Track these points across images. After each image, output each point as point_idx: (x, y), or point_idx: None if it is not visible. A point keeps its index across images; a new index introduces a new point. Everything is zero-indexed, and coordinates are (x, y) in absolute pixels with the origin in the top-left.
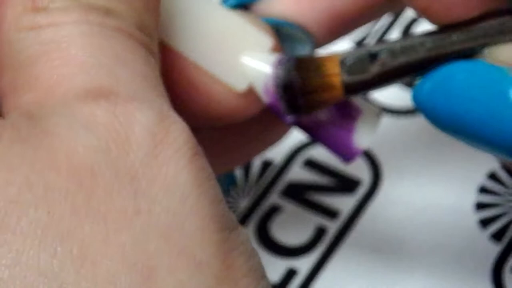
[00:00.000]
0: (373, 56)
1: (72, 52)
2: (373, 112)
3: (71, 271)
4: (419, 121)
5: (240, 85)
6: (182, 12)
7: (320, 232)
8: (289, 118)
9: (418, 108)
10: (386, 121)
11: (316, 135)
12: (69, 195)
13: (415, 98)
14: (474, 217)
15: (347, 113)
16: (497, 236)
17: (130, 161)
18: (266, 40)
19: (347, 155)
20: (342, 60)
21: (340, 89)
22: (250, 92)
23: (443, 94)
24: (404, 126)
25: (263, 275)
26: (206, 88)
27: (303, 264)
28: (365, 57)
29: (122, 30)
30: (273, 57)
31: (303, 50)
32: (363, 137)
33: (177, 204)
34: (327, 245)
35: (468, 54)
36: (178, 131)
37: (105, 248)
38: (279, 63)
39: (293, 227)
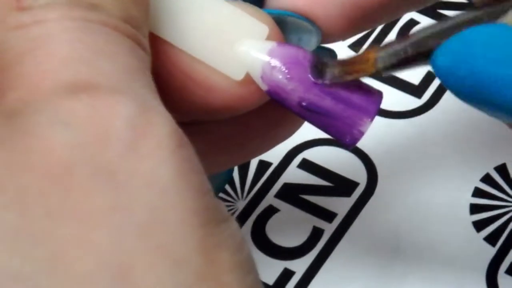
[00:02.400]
0: (409, 45)
1: (55, 48)
2: None
3: (44, 275)
4: (415, 124)
5: (238, 74)
6: (174, 3)
7: (316, 234)
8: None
9: (437, 75)
10: (382, 123)
11: (323, 116)
12: (43, 196)
13: (434, 64)
14: (469, 219)
15: (362, 97)
16: (492, 238)
17: (108, 156)
18: (262, 28)
19: (350, 138)
20: (378, 52)
21: (372, 62)
22: (250, 81)
23: (463, 58)
24: (400, 129)
25: (250, 270)
26: (203, 79)
27: (300, 266)
28: (400, 50)
29: (106, 24)
30: (270, 45)
31: (310, 42)
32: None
33: (157, 198)
34: (323, 246)
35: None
36: (160, 123)
37: (80, 248)
38: (275, 50)
39: (289, 228)
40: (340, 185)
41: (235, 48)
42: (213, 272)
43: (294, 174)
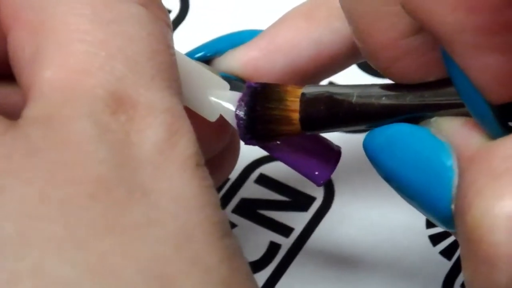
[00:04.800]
0: (331, 98)
1: (105, 38)
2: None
3: (91, 280)
4: None
5: (212, 116)
6: None
7: (273, 249)
8: (250, 142)
9: (367, 157)
10: (339, 138)
11: (285, 161)
12: (84, 208)
13: (364, 147)
14: (425, 233)
15: (320, 146)
16: (448, 252)
17: (140, 177)
18: (226, 84)
19: (316, 181)
20: (303, 96)
21: (298, 125)
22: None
23: (387, 152)
24: (357, 144)
25: (256, 282)
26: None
27: (257, 280)
28: (324, 98)
29: (147, 8)
30: (237, 94)
31: None
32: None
33: (185, 214)
34: (280, 261)
35: (420, 116)
36: (183, 146)
37: (123, 259)
38: (243, 95)
39: (246, 243)
40: (297, 200)
41: (208, 96)
42: (236, 280)
43: (251, 189)
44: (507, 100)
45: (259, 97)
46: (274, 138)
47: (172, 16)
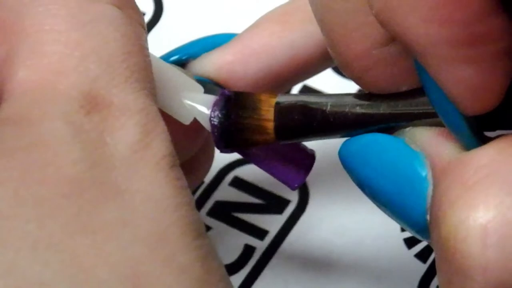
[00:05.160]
0: (305, 108)
1: (79, 39)
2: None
3: (64, 281)
4: None
5: (186, 119)
6: None
7: (248, 251)
8: (224, 151)
9: (343, 166)
10: (314, 142)
11: (260, 165)
12: (58, 209)
13: (340, 156)
14: (400, 236)
15: (295, 152)
16: (423, 255)
17: (113, 177)
18: (200, 87)
19: (290, 185)
20: (277, 106)
21: (272, 134)
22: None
23: (362, 162)
24: (331, 146)
25: (231, 283)
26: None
27: (232, 283)
28: (298, 108)
29: (121, 10)
30: (211, 97)
31: None
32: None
33: (159, 214)
34: (254, 264)
35: (394, 126)
36: (157, 147)
37: (96, 258)
38: (217, 102)
39: (221, 246)
40: (271, 202)
41: (182, 99)
42: (210, 280)
43: (225, 192)
44: (481, 112)
45: (233, 105)
46: (249, 147)
47: (147, 18)
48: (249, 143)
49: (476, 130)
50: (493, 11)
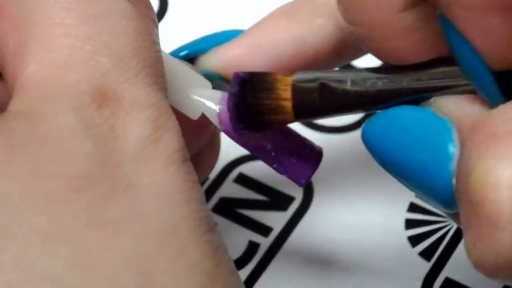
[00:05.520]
0: (324, 86)
1: (91, 33)
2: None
3: (75, 274)
4: (351, 139)
5: (194, 114)
6: None
7: (252, 248)
8: (242, 135)
9: (365, 146)
10: (318, 138)
11: (267, 161)
12: (68, 202)
13: (363, 136)
14: (404, 234)
15: (303, 147)
16: (427, 253)
17: (124, 171)
18: (208, 83)
19: (297, 181)
20: (294, 84)
21: (291, 113)
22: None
23: (387, 137)
24: (336, 144)
25: (240, 277)
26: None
27: None
28: (316, 85)
29: (135, 5)
30: (219, 93)
31: None
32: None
33: (169, 209)
34: (259, 260)
35: (418, 99)
36: (168, 141)
37: (106, 252)
38: (225, 98)
39: (225, 242)
40: (276, 199)
41: (190, 95)
42: (221, 273)
43: (230, 189)
44: (510, 66)
45: (248, 87)
46: (268, 127)
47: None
48: (268, 124)
49: (504, 89)
50: None
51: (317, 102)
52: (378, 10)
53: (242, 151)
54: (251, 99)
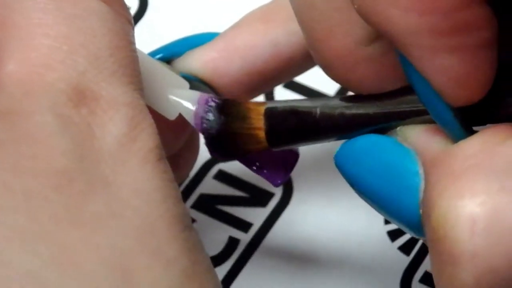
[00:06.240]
0: (295, 114)
1: (68, 33)
2: None
3: (54, 271)
4: None
5: (171, 115)
6: None
7: (232, 244)
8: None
9: (338, 170)
10: None
11: (243, 163)
12: (47, 200)
13: (335, 161)
14: (383, 229)
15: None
16: (406, 248)
17: (101, 169)
18: (185, 83)
19: (273, 182)
20: (266, 114)
21: (265, 142)
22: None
23: (357, 165)
24: None
25: (216, 275)
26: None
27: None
28: (288, 114)
29: (110, 6)
30: (196, 93)
31: None
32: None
33: (146, 206)
34: (238, 256)
35: (386, 127)
36: (144, 140)
37: (85, 249)
38: (202, 99)
39: (205, 238)
40: (255, 195)
41: (168, 95)
42: (197, 271)
43: (210, 185)
44: (467, 103)
45: (223, 113)
46: (243, 155)
47: (131, 13)
48: (244, 152)
49: (464, 124)
50: (475, 0)
51: (288, 131)
52: (340, 42)
53: None
54: (225, 129)
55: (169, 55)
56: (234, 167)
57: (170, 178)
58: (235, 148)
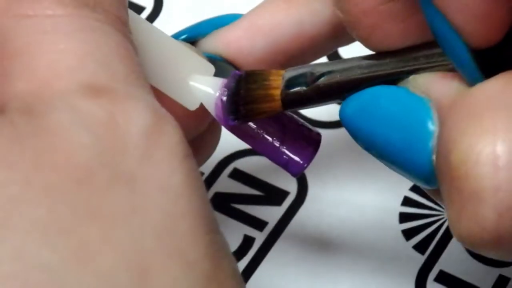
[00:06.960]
0: (313, 74)
1: (69, 44)
2: None
3: (72, 266)
4: (345, 133)
5: (192, 105)
6: (140, 43)
7: (247, 242)
8: (234, 124)
9: (344, 125)
10: None
11: (262, 150)
12: (68, 194)
13: (341, 115)
14: (398, 228)
15: (302, 136)
16: (421, 247)
17: (126, 162)
18: (211, 67)
19: (293, 170)
20: (285, 74)
21: (278, 101)
22: (203, 110)
23: (365, 116)
24: (330, 138)
25: (242, 281)
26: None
27: None
28: (306, 74)
29: (109, 23)
30: (220, 80)
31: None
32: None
33: (171, 204)
34: (254, 254)
35: (397, 79)
36: (171, 133)
37: (104, 245)
38: (225, 85)
39: None
40: (270, 194)
41: (190, 83)
42: (218, 277)
43: (225, 184)
44: (487, 44)
45: (244, 82)
46: (256, 117)
47: (146, 13)
48: (256, 112)
49: (483, 67)
50: None
51: (304, 90)
52: (365, 0)
53: (237, 146)
54: (243, 91)
55: (194, 35)
56: (249, 165)
57: (197, 177)
58: (249, 108)
